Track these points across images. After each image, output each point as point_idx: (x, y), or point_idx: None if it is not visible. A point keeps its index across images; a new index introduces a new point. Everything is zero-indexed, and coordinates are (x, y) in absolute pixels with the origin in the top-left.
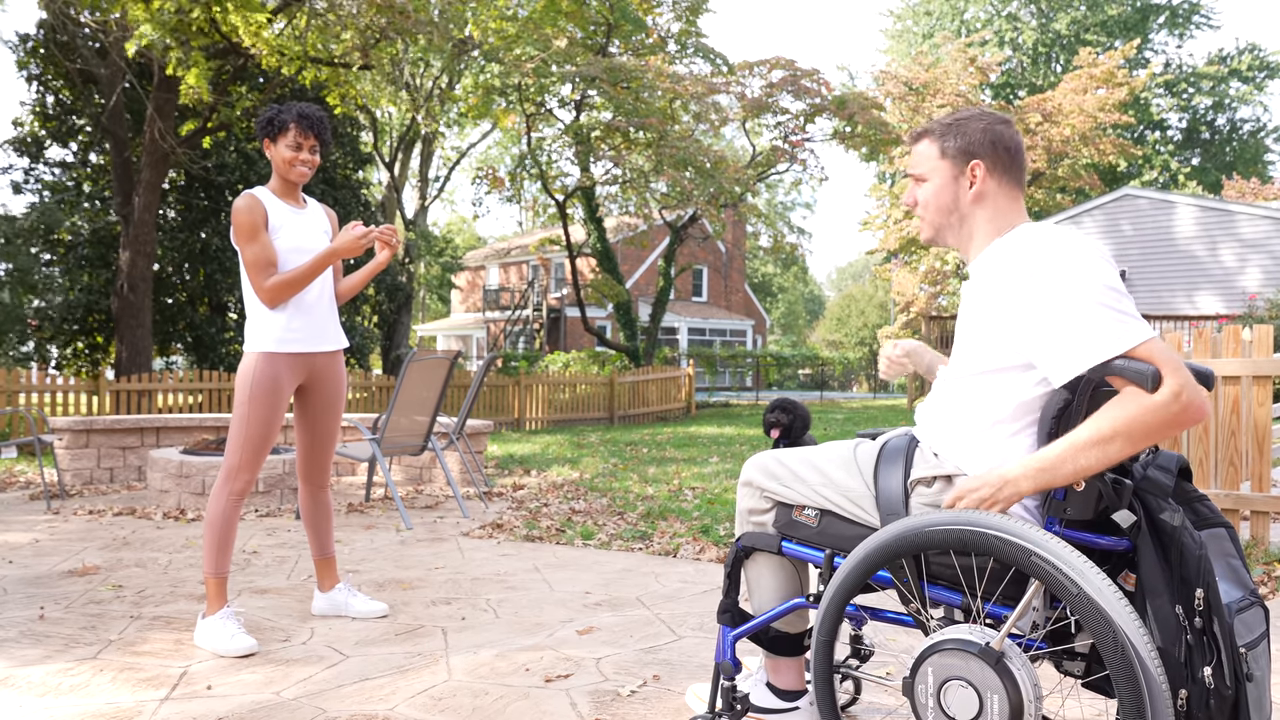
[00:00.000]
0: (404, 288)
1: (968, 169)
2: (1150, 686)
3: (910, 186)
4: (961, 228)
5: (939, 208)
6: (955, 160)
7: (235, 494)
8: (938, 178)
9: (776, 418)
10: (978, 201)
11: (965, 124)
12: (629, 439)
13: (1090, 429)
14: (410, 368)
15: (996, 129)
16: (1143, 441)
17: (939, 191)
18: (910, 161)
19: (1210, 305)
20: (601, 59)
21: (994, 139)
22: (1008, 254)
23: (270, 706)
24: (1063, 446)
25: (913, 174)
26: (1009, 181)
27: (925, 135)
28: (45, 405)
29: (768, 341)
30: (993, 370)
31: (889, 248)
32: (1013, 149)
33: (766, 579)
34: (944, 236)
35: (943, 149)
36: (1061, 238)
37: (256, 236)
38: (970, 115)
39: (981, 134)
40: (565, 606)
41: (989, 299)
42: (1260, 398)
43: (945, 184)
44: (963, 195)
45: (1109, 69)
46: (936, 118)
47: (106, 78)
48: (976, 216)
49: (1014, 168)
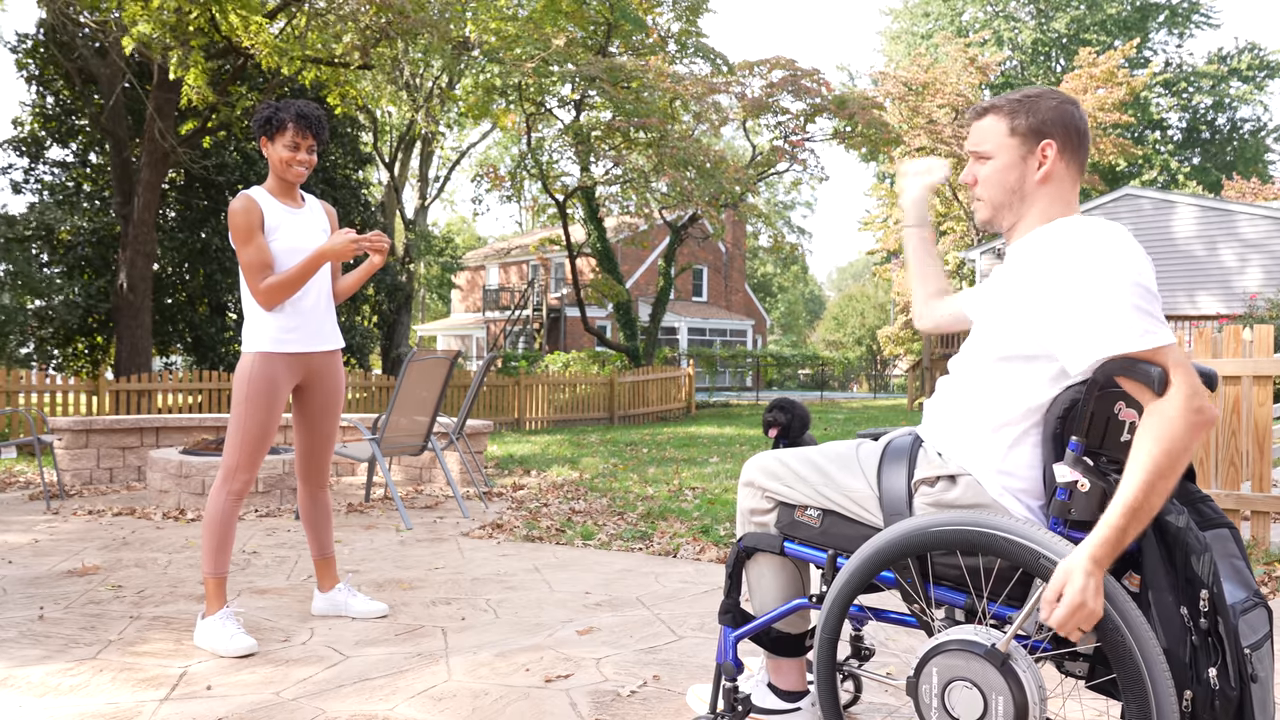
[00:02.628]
0: (404, 288)
1: (1038, 148)
2: (1156, 688)
3: (970, 164)
4: (1021, 208)
5: (1004, 187)
6: (1025, 138)
7: (234, 494)
8: (1004, 156)
9: (775, 417)
10: (1044, 183)
11: (1037, 101)
12: (629, 439)
13: (1132, 482)
14: (410, 368)
15: (1068, 108)
16: (1183, 458)
17: (1005, 170)
18: (972, 138)
19: (1211, 305)
20: (601, 59)
21: (1066, 119)
22: (1049, 241)
23: (270, 706)
24: (1118, 512)
25: (975, 151)
26: (1075, 165)
27: (991, 111)
28: (45, 405)
29: (768, 341)
30: (1008, 358)
31: (889, 248)
32: (1083, 131)
33: (768, 579)
34: (1001, 217)
35: (1012, 126)
36: (1104, 229)
37: (252, 238)
38: (1041, 93)
39: (1054, 112)
40: (565, 607)
41: (1019, 283)
42: (1261, 398)
43: (1012, 163)
44: (1029, 176)
45: (1109, 69)
46: (1004, 95)
47: (106, 78)
48: (1038, 198)
49: (1081, 151)
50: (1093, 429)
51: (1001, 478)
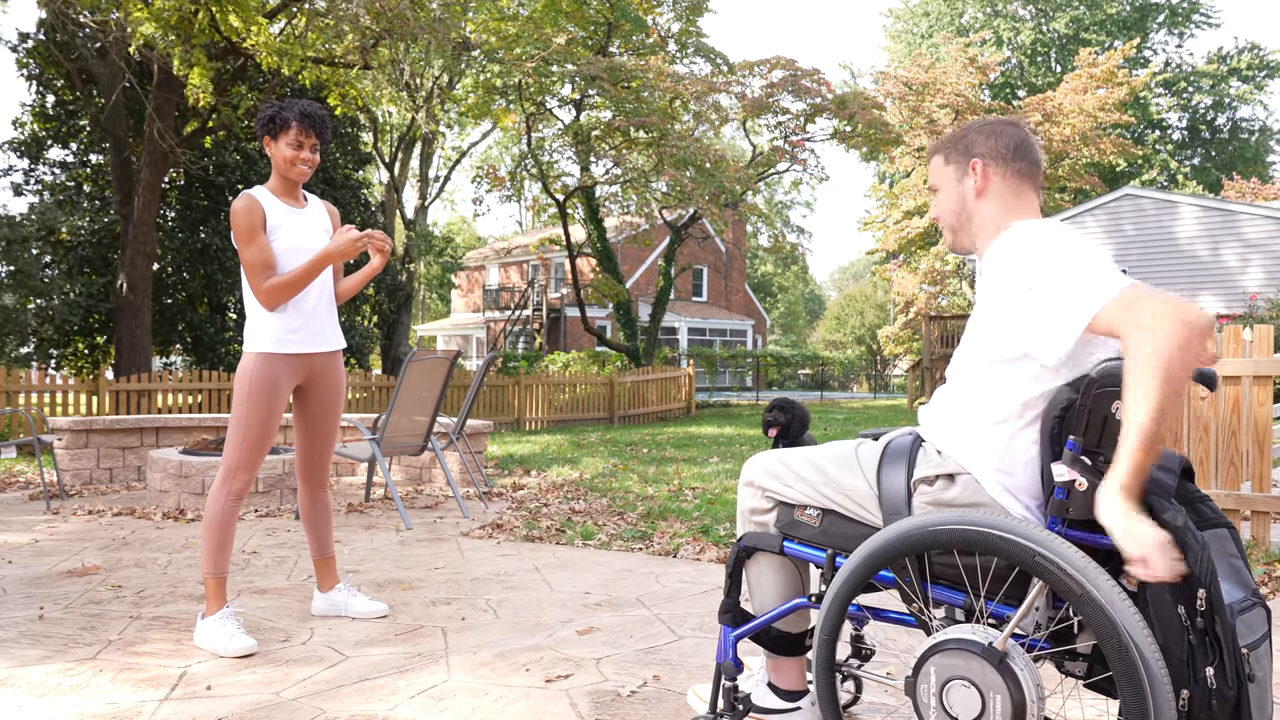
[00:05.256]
0: (404, 287)
1: (968, 167)
2: (1153, 687)
3: (932, 204)
4: (971, 226)
5: (950, 210)
6: (958, 164)
7: (234, 494)
8: (946, 184)
9: (775, 417)
10: (981, 198)
11: (967, 131)
12: (629, 439)
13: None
14: (410, 368)
15: (996, 126)
16: (1182, 374)
17: (948, 196)
18: (928, 179)
19: (1211, 305)
20: (602, 58)
21: (991, 134)
22: (997, 250)
23: (270, 707)
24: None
25: (931, 188)
26: (1013, 175)
27: (934, 151)
28: (45, 405)
29: (768, 341)
30: (993, 363)
31: (888, 248)
32: (1015, 144)
33: (768, 579)
34: (960, 240)
35: (946, 157)
36: (1033, 227)
37: (254, 238)
38: (972, 123)
39: (979, 133)
40: (565, 607)
41: (987, 293)
42: (1261, 398)
43: (951, 188)
44: (968, 194)
45: (1109, 69)
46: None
47: (106, 78)
48: (982, 213)
49: (1017, 160)
50: (1090, 428)
51: (1000, 476)
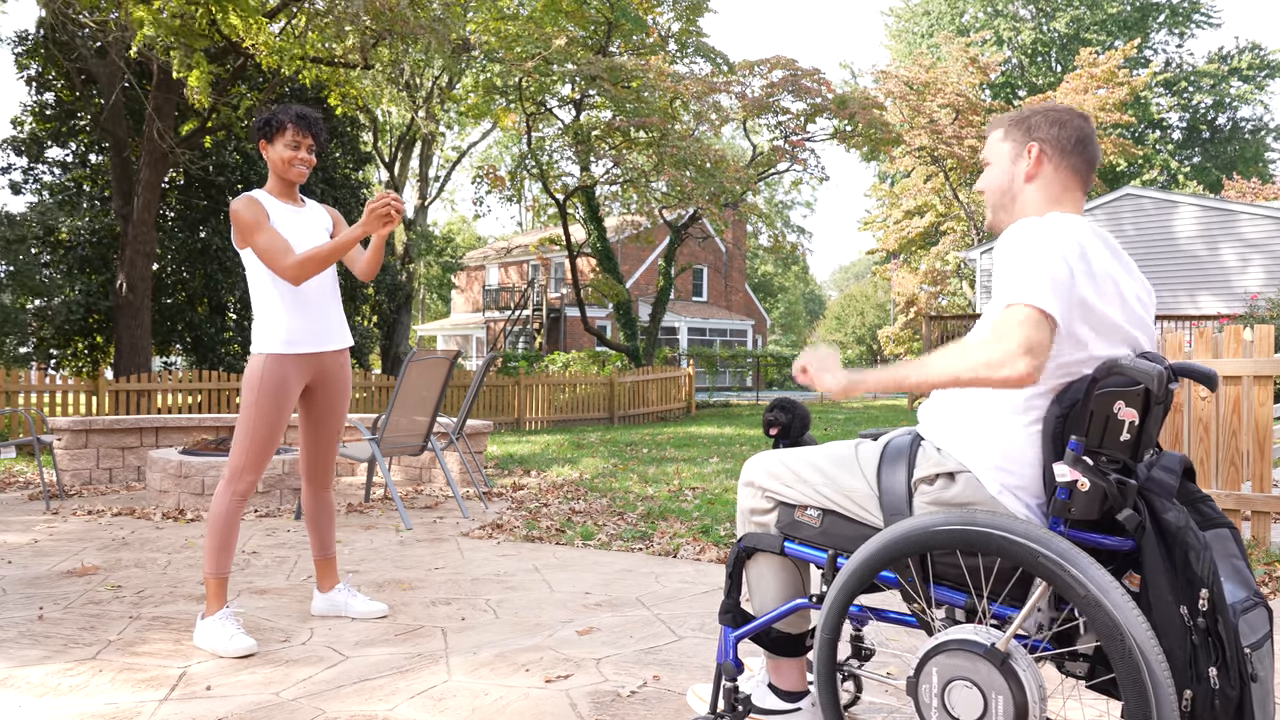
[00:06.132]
0: (404, 287)
1: (1025, 149)
2: (1156, 687)
3: (981, 177)
4: (1013, 208)
5: (996, 188)
6: (1016, 143)
7: (239, 494)
8: (998, 160)
9: (775, 417)
10: (1029, 182)
11: (1034, 112)
12: (629, 439)
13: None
14: (410, 367)
15: (1063, 115)
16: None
17: (998, 173)
18: (983, 151)
19: (1212, 305)
20: (602, 58)
21: (1056, 123)
22: (998, 246)
23: (270, 707)
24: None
25: (982, 160)
26: (1066, 168)
27: (995, 124)
28: (44, 405)
29: (768, 341)
30: None
31: (889, 248)
32: (1077, 138)
33: (768, 579)
34: (999, 220)
35: (1006, 133)
36: (1021, 226)
37: (261, 227)
38: (1041, 106)
39: (1044, 118)
40: (565, 607)
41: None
42: (1261, 398)
43: (1004, 166)
44: (1018, 176)
45: (1109, 68)
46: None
47: (106, 78)
48: (1026, 198)
49: (1074, 155)
50: (1092, 428)
51: (1000, 474)
